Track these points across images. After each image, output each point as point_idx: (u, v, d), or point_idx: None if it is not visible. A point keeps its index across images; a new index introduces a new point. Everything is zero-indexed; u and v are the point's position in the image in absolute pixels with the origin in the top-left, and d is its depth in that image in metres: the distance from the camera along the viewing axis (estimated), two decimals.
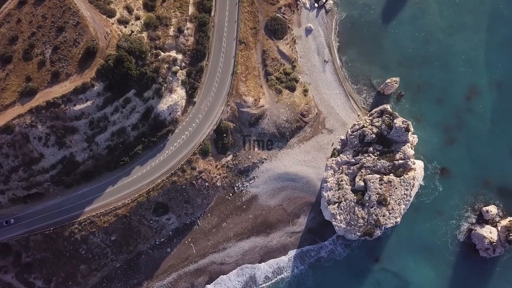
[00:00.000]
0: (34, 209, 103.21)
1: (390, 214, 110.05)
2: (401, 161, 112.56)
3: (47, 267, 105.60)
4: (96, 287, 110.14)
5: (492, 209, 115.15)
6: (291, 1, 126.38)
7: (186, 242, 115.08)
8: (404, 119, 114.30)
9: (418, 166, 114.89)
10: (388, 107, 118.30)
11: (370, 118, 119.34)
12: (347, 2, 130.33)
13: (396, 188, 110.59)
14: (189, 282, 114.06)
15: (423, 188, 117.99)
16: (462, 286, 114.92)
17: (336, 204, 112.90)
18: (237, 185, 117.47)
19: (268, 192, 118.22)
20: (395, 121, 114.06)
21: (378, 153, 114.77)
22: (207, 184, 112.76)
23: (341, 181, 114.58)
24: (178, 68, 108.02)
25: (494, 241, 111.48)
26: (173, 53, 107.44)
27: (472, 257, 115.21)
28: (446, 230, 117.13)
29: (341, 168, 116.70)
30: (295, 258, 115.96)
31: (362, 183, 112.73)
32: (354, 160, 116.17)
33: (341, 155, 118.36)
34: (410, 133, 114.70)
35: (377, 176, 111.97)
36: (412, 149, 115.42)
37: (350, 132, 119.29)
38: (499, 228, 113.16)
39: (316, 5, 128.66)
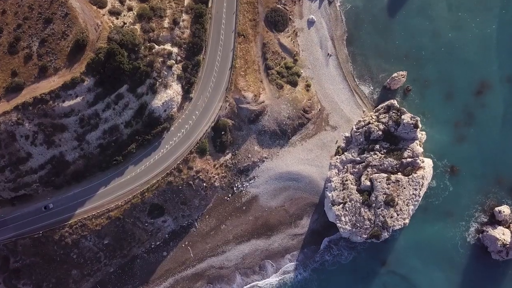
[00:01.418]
0: (22, 212, 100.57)
1: (398, 215, 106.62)
2: (409, 159, 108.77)
3: (36, 273, 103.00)
4: None
5: (505, 209, 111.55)
6: None
7: (183, 245, 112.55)
8: (412, 115, 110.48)
9: (427, 164, 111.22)
10: (395, 102, 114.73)
11: (376, 114, 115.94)
12: None
13: (404, 188, 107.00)
14: (187, 287, 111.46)
15: (432, 188, 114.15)
16: None
17: (341, 205, 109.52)
18: (236, 185, 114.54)
19: (269, 192, 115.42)
20: (402, 117, 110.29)
21: (385, 150, 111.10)
22: (204, 184, 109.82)
23: (346, 180, 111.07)
24: (174, 62, 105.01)
25: (507, 243, 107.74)
26: (168, 46, 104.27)
27: (483, 260, 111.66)
28: (456, 231, 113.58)
29: (345, 167, 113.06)
30: (298, 262, 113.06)
31: (368, 183, 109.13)
32: (359, 159, 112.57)
33: (345, 153, 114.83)
34: (418, 129, 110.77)
35: (384, 175, 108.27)
36: (420, 146, 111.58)
37: (355, 129, 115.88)
38: None
39: None
